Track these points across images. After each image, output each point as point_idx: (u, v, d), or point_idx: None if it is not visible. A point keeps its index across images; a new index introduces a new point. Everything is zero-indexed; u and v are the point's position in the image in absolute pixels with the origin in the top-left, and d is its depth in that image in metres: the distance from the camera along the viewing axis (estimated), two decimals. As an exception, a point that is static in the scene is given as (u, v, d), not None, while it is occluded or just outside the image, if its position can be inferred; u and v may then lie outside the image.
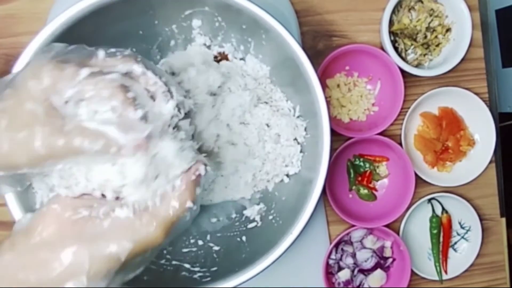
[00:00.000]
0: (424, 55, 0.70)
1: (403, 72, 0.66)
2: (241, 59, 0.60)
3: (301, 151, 0.60)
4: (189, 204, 0.37)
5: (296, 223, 0.51)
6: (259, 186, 0.62)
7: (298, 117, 0.60)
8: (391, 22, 0.68)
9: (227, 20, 0.56)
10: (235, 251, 0.58)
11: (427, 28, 0.69)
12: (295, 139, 0.60)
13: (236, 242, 0.60)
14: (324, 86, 0.69)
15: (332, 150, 0.66)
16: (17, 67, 0.46)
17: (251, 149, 0.60)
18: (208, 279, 0.53)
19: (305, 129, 0.59)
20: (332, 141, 0.51)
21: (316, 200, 0.50)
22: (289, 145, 0.60)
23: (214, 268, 0.56)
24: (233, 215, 0.62)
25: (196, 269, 0.56)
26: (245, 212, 0.62)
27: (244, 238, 0.60)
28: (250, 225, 0.61)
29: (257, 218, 0.61)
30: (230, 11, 0.51)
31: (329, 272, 0.70)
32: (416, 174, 0.68)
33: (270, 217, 0.60)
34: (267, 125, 0.60)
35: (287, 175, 0.61)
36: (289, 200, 0.60)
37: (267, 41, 0.54)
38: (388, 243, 0.72)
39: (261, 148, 0.60)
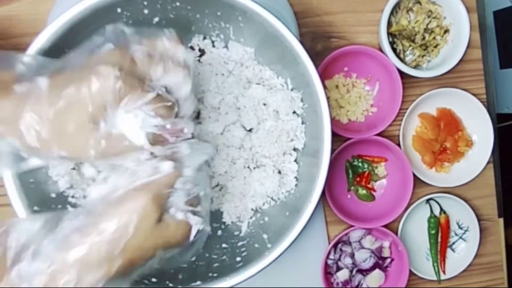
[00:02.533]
0: (422, 56, 0.70)
1: (401, 73, 0.67)
2: (224, 47, 0.60)
3: (302, 123, 0.60)
4: None
5: (296, 223, 0.51)
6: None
7: (292, 90, 0.60)
8: (389, 24, 0.68)
9: (200, 11, 0.56)
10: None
11: (425, 30, 0.69)
12: (294, 112, 0.60)
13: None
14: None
15: (331, 151, 0.66)
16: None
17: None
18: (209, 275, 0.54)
19: (302, 100, 0.59)
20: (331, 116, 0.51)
21: (319, 195, 0.51)
22: (290, 119, 0.59)
23: (216, 264, 0.56)
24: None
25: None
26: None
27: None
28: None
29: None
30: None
31: (328, 272, 0.71)
32: (414, 175, 0.68)
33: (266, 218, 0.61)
34: (264, 104, 0.60)
35: (295, 149, 0.61)
36: (290, 199, 0.60)
37: (245, 23, 0.54)
38: (386, 243, 0.72)
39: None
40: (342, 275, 0.70)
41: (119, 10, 0.50)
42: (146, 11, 0.53)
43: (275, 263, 0.52)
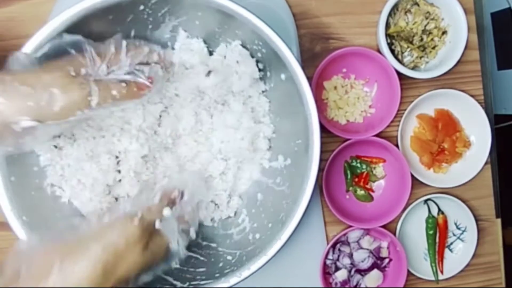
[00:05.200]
0: (421, 57, 0.71)
1: (399, 74, 0.67)
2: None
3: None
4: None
5: (286, 226, 0.52)
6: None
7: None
8: (387, 25, 0.68)
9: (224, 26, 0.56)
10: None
11: (423, 31, 0.70)
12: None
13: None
14: (321, 88, 0.70)
15: (329, 151, 0.67)
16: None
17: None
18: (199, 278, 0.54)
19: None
20: (322, 142, 0.51)
21: (306, 203, 0.51)
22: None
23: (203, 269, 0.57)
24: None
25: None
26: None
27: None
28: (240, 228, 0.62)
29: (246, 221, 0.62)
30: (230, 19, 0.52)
31: (327, 272, 0.71)
32: (412, 175, 0.69)
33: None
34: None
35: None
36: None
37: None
38: (384, 244, 0.72)
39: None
40: (340, 275, 0.70)
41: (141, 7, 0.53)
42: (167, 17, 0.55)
43: (274, 263, 0.52)
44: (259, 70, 0.59)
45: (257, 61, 0.59)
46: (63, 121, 0.44)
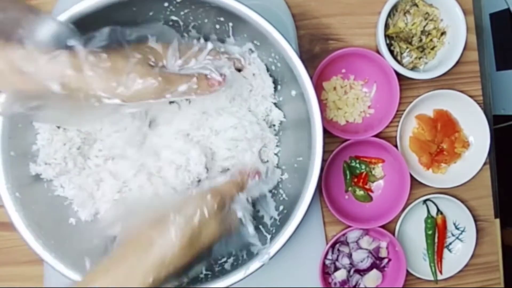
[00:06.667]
0: (419, 58, 0.71)
1: (398, 75, 0.67)
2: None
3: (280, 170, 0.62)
4: None
5: (288, 225, 0.52)
6: None
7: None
8: (386, 26, 0.68)
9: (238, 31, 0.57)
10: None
11: (422, 32, 0.70)
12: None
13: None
14: (320, 88, 0.70)
15: (329, 151, 0.67)
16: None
17: None
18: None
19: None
20: (324, 142, 0.51)
21: (307, 206, 0.51)
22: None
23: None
24: None
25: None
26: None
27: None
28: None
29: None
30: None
31: (326, 272, 0.71)
32: (411, 176, 0.69)
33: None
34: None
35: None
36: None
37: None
38: (383, 244, 0.72)
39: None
40: (339, 275, 0.71)
41: (166, 4, 0.53)
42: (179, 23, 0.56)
43: (273, 263, 0.52)
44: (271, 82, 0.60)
45: (270, 74, 0.59)
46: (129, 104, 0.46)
